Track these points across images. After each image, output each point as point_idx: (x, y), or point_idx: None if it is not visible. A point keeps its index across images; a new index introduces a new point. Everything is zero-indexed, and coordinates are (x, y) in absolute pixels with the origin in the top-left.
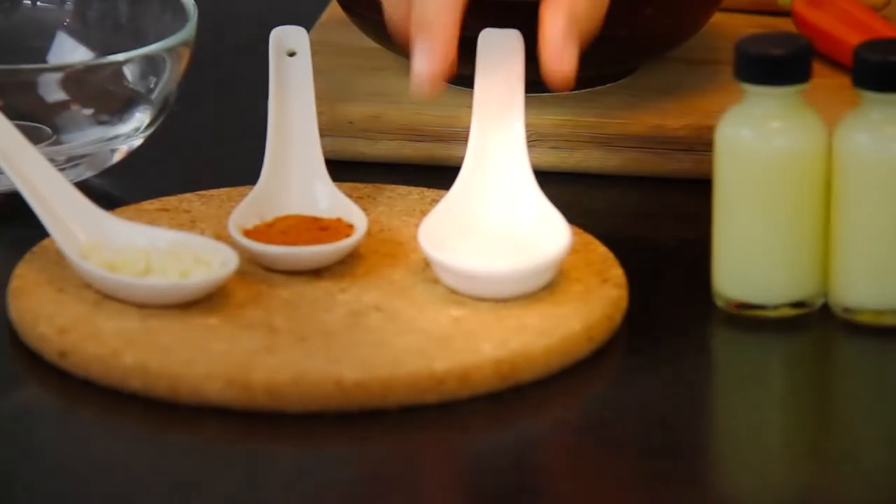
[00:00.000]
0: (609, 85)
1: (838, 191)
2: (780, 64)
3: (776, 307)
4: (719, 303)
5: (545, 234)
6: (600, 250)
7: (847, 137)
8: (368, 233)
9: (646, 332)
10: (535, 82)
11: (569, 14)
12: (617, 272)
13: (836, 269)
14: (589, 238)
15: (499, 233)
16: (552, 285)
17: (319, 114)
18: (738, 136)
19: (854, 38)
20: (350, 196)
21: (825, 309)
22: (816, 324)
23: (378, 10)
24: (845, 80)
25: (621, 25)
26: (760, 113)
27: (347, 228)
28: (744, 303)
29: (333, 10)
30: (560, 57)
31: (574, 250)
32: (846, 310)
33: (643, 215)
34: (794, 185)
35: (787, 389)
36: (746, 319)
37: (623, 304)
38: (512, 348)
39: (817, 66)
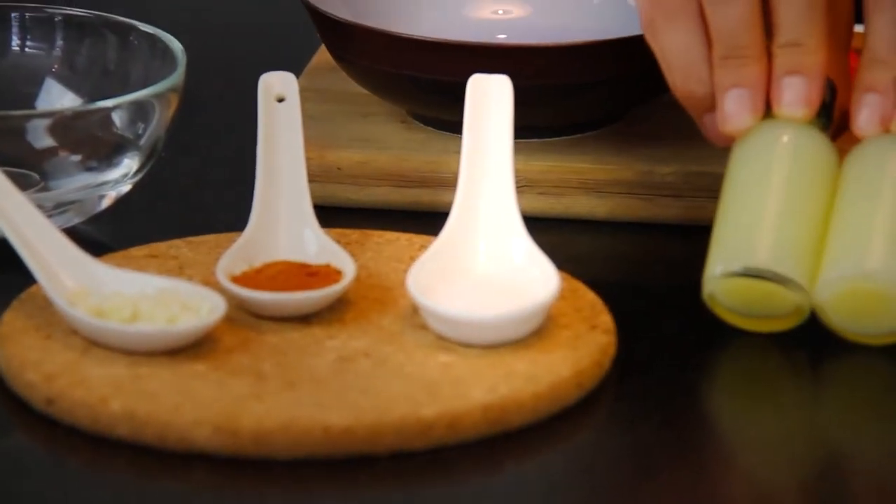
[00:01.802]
0: (598, 130)
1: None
2: None
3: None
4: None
5: (534, 279)
6: (589, 296)
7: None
8: (357, 279)
9: (634, 378)
10: (524, 128)
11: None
12: (605, 318)
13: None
14: (577, 284)
15: (487, 279)
16: (541, 331)
17: (308, 159)
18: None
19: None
20: (338, 242)
21: (803, 334)
22: (796, 351)
23: (368, 56)
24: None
25: (610, 70)
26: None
27: (336, 274)
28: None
29: (322, 56)
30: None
31: (562, 296)
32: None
33: (632, 261)
34: (799, 177)
35: (781, 434)
36: (728, 362)
37: (612, 350)
38: (501, 394)
39: None
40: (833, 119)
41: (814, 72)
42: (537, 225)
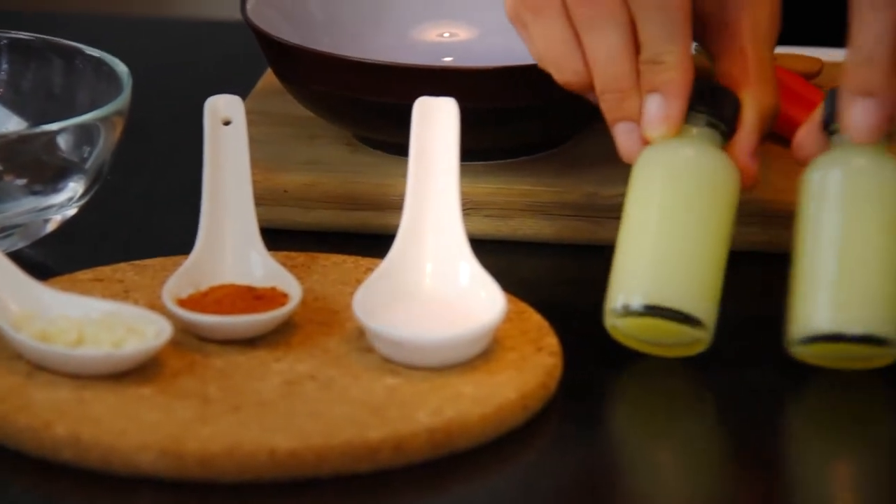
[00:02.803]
0: (544, 153)
1: (811, 224)
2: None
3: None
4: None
5: (480, 302)
6: (535, 318)
7: (819, 171)
8: (303, 302)
9: (580, 400)
10: (470, 151)
11: (763, 119)
12: (551, 340)
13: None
14: (523, 306)
15: (434, 301)
16: (487, 353)
17: (254, 182)
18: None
19: (787, 107)
20: (285, 265)
21: (744, 354)
22: (739, 371)
23: (314, 79)
24: (779, 149)
25: (557, 93)
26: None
27: (282, 297)
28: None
29: (269, 79)
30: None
31: (508, 318)
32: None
33: (578, 283)
34: (697, 196)
35: (715, 449)
36: (670, 383)
37: (557, 372)
38: (447, 417)
39: None
40: (735, 129)
41: (673, 89)
42: (483, 247)
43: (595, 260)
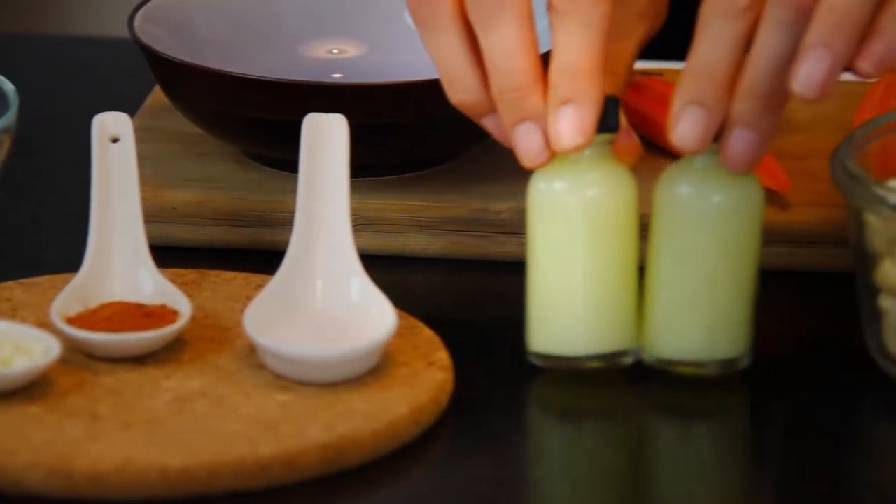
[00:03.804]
0: (434, 168)
1: (658, 241)
2: None
3: (585, 359)
4: (532, 359)
5: (371, 317)
6: (426, 333)
7: (668, 188)
8: (193, 319)
9: (471, 414)
10: (360, 166)
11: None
12: (442, 355)
13: (655, 320)
14: (414, 321)
15: (324, 317)
16: (378, 369)
17: (143, 200)
18: (551, 186)
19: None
20: (174, 282)
21: (640, 369)
22: (633, 386)
23: (202, 95)
24: (665, 162)
25: (445, 109)
26: (571, 165)
27: (172, 315)
28: (554, 356)
29: (157, 96)
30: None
31: (400, 334)
32: (662, 361)
33: (468, 298)
34: (604, 235)
35: (604, 463)
36: (563, 396)
37: (449, 386)
38: (339, 433)
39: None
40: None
41: (588, 97)
42: (374, 263)
43: (485, 275)
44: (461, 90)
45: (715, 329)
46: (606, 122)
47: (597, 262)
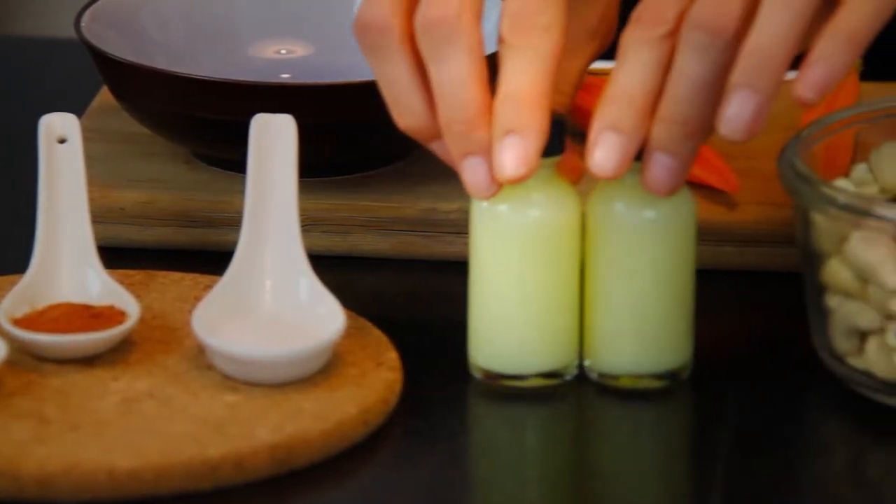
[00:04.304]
0: (382, 169)
1: (594, 257)
2: None
3: (528, 377)
4: (474, 373)
5: (320, 318)
6: (375, 333)
7: (601, 204)
8: (141, 320)
9: (420, 414)
10: (309, 166)
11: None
12: (391, 355)
13: (593, 334)
14: (363, 322)
15: (273, 317)
16: (327, 369)
17: (91, 200)
18: (495, 207)
19: None
20: (122, 283)
21: (583, 378)
22: (575, 393)
23: (150, 96)
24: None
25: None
26: (515, 185)
27: (120, 316)
28: (497, 373)
29: (105, 97)
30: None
31: (348, 334)
32: (604, 375)
33: (417, 298)
34: (547, 256)
35: (550, 462)
36: (511, 396)
37: (398, 386)
38: (287, 433)
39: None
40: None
41: (533, 128)
42: (323, 263)
43: (434, 274)
44: (408, 115)
45: (654, 342)
46: (552, 144)
47: (540, 282)
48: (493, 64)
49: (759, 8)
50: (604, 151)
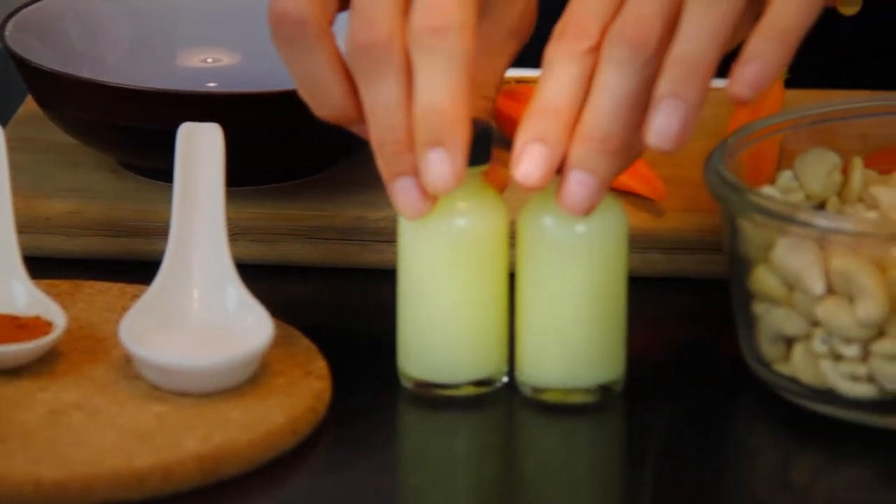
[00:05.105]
0: (310, 178)
1: (523, 271)
2: None
3: (458, 386)
4: (404, 382)
5: (248, 327)
6: (303, 342)
7: (531, 218)
8: (68, 330)
9: (349, 423)
10: (236, 175)
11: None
12: (320, 364)
13: (524, 348)
14: (291, 330)
15: (201, 327)
16: (255, 379)
17: (16, 210)
18: (421, 218)
19: None
20: (48, 293)
21: (513, 388)
22: (505, 403)
23: (75, 105)
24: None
25: (320, 118)
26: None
27: (46, 326)
28: (427, 382)
29: (29, 106)
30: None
31: (276, 343)
32: (534, 389)
33: (345, 307)
34: (475, 265)
35: (480, 473)
36: (442, 405)
37: (326, 395)
38: (215, 443)
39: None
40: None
41: (456, 139)
42: (251, 272)
43: (363, 283)
44: (328, 106)
45: (584, 357)
46: (478, 153)
47: (468, 291)
48: None
49: (682, 16)
50: (529, 163)
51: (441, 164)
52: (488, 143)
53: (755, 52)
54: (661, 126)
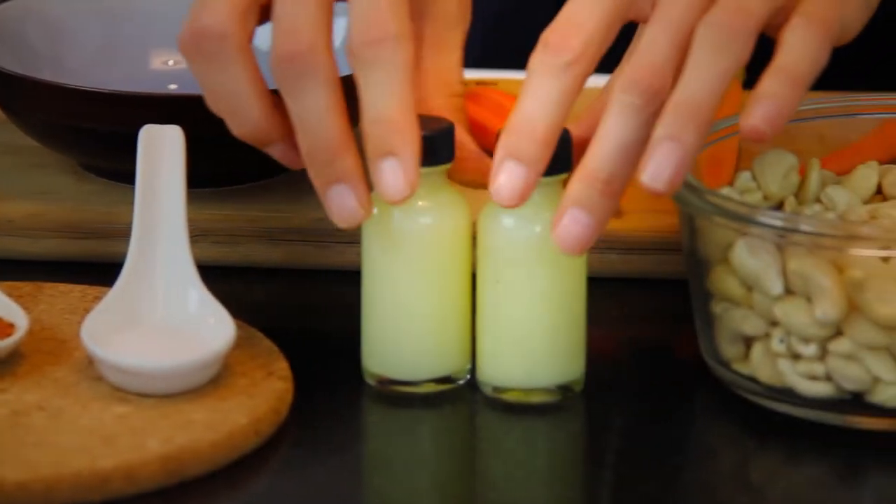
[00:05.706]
0: (271, 179)
1: (484, 271)
2: (423, 145)
3: (419, 383)
4: (368, 379)
5: (209, 328)
6: (265, 343)
7: (491, 218)
8: (30, 332)
9: (311, 424)
10: (197, 177)
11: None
12: (282, 365)
13: (484, 348)
14: (253, 331)
15: (163, 328)
16: (217, 380)
17: None
18: (385, 214)
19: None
20: (10, 295)
21: (475, 387)
22: (467, 402)
23: (36, 108)
24: None
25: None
26: None
27: (8, 328)
28: (389, 379)
29: None
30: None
31: (238, 344)
32: (495, 388)
33: (307, 307)
34: (438, 263)
35: (442, 472)
36: (404, 404)
37: (288, 396)
38: (178, 444)
39: None
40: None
41: (408, 148)
42: (213, 273)
43: (324, 284)
44: (248, 123)
45: (543, 358)
46: (442, 152)
47: (430, 288)
48: (348, 85)
49: (688, 61)
50: (504, 180)
51: (394, 173)
52: (451, 141)
53: (767, 90)
54: (656, 168)
